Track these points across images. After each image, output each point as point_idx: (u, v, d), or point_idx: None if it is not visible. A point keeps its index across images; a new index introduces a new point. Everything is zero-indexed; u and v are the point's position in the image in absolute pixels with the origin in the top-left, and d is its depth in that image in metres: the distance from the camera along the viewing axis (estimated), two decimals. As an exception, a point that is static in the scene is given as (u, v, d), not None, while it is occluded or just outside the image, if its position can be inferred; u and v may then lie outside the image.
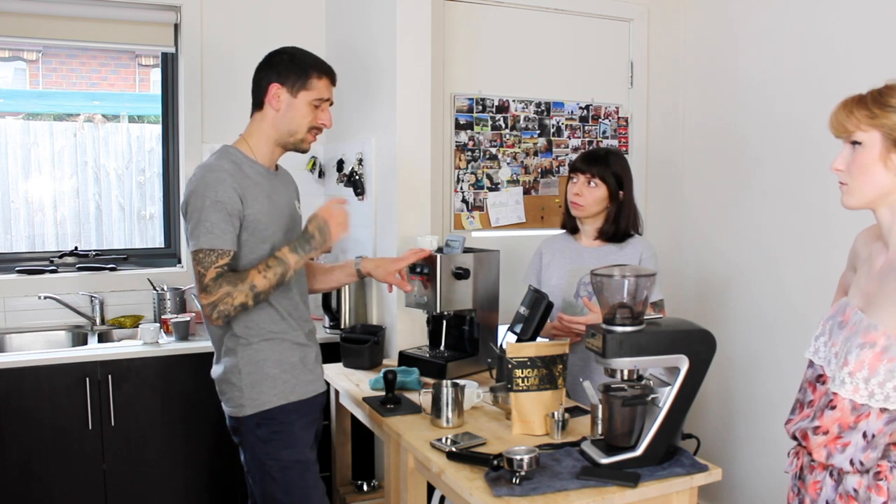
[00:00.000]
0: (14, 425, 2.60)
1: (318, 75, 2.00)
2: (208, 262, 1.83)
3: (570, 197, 2.41)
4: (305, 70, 1.99)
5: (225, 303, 1.82)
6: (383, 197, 2.92)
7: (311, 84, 1.99)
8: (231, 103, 3.30)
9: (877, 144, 1.37)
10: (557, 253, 2.49)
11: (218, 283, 1.82)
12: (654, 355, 1.67)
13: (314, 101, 2.00)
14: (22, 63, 3.84)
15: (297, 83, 1.97)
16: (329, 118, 2.05)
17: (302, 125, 2.00)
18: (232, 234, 1.86)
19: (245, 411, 1.95)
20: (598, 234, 2.41)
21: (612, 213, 2.38)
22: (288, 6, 3.45)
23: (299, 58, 2.01)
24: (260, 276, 1.86)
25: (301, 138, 2.02)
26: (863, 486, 1.38)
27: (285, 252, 1.90)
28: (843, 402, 1.38)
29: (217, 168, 1.90)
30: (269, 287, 1.88)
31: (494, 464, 1.62)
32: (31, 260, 3.30)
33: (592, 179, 2.35)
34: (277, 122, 1.99)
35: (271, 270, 1.87)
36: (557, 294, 2.42)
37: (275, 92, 1.97)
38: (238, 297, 1.84)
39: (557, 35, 3.30)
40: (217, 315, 1.83)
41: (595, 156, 2.40)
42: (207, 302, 1.83)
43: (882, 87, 1.39)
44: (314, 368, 2.05)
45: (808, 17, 2.85)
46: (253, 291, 1.85)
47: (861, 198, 1.41)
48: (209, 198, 1.84)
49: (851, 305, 1.44)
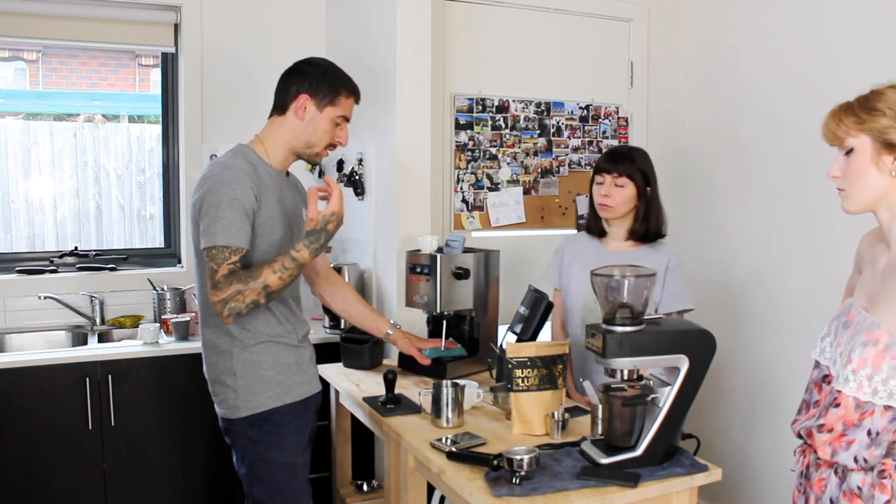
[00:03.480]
0: (14, 425, 2.60)
1: (346, 94, 2.01)
2: (221, 259, 1.81)
3: (597, 199, 2.34)
4: (336, 87, 1.99)
5: (236, 300, 1.79)
6: (383, 197, 2.92)
7: (339, 101, 2.00)
8: (231, 103, 3.31)
9: (868, 149, 1.40)
10: (580, 254, 2.42)
11: (229, 280, 1.80)
12: (654, 355, 1.67)
13: (337, 119, 2.01)
14: (22, 63, 3.84)
15: (327, 98, 1.98)
16: (346, 136, 2.06)
17: (322, 140, 2.01)
18: (247, 232, 1.85)
19: (239, 413, 1.94)
20: (628, 235, 2.35)
21: (640, 211, 2.31)
22: (288, 6, 3.45)
23: (332, 73, 2.02)
24: (275, 275, 1.82)
25: (317, 152, 2.03)
26: (867, 484, 1.39)
27: (303, 252, 1.86)
28: (847, 400, 1.40)
29: (234, 166, 1.89)
30: (282, 286, 1.84)
31: (494, 464, 1.62)
32: (31, 260, 3.30)
33: (619, 178, 2.29)
34: (298, 132, 1.99)
35: (287, 271, 1.83)
36: (577, 297, 2.38)
37: (302, 102, 1.97)
38: (249, 295, 1.80)
39: (557, 35, 3.30)
40: (228, 313, 1.80)
41: (619, 154, 2.34)
42: (218, 299, 1.79)
43: (868, 93, 1.43)
44: (308, 369, 2.05)
45: (807, 17, 2.85)
46: (266, 291, 1.82)
47: (859, 202, 1.44)
48: (227, 195, 1.83)
49: (856, 305, 1.46)
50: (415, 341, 2.46)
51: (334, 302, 2.38)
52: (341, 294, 2.39)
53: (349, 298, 2.39)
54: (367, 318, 2.42)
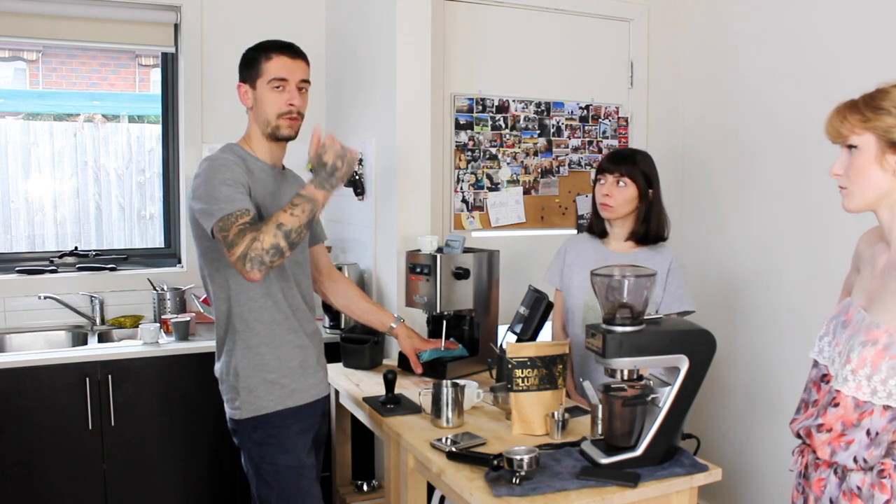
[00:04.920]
0: (14, 425, 2.60)
1: (266, 57, 1.97)
2: (230, 223, 1.75)
3: (598, 198, 2.35)
4: (255, 58, 1.99)
5: (254, 249, 1.70)
6: (383, 197, 2.92)
7: (263, 69, 1.97)
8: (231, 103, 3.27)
9: (872, 147, 1.39)
10: (582, 254, 2.44)
11: (240, 234, 1.73)
12: (654, 355, 1.67)
13: (272, 84, 1.96)
14: (22, 63, 3.84)
15: (252, 73, 1.99)
16: (295, 97, 1.97)
17: (270, 111, 1.97)
18: (247, 197, 1.83)
19: (242, 414, 1.94)
20: (629, 236, 2.36)
21: (642, 212, 2.33)
22: (288, 6, 3.45)
23: (252, 49, 2.01)
24: (286, 213, 1.74)
25: (276, 125, 1.98)
26: (866, 484, 1.39)
27: (311, 189, 1.79)
28: (846, 400, 1.39)
29: (222, 158, 1.91)
30: (298, 225, 1.75)
31: (494, 464, 1.62)
32: (31, 260, 3.30)
33: (621, 179, 2.30)
34: (256, 118, 2.01)
35: (298, 207, 1.75)
36: (579, 297, 2.39)
37: (243, 91, 2.01)
38: (266, 238, 1.71)
39: (557, 35, 3.30)
40: (251, 266, 1.70)
41: (622, 155, 2.36)
42: (236, 257, 1.71)
43: (873, 91, 1.42)
44: (314, 373, 2.03)
45: (808, 16, 2.85)
46: (281, 230, 1.72)
47: (861, 200, 1.43)
48: (217, 178, 1.83)
49: (854, 305, 1.46)
50: (417, 340, 2.46)
51: (336, 298, 2.38)
52: (343, 290, 2.39)
53: (351, 294, 2.39)
54: (371, 313, 2.41)
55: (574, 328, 2.42)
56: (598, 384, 1.85)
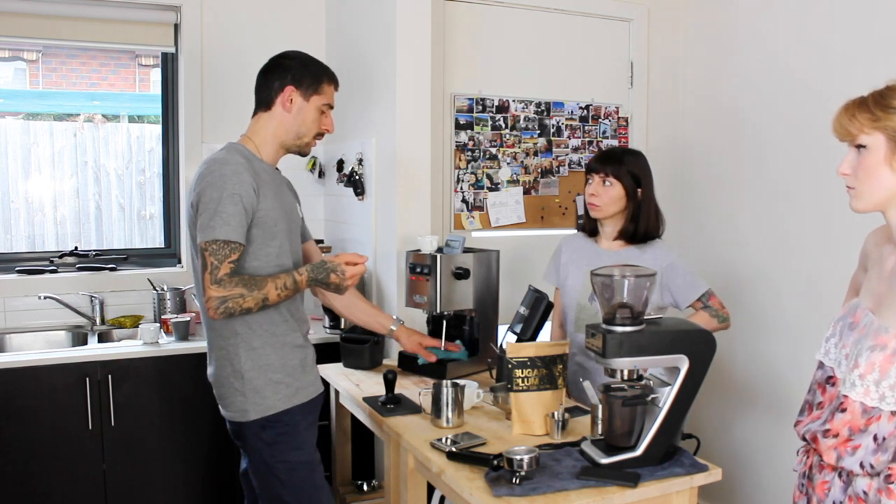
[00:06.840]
0: (14, 425, 2.60)
1: (328, 82, 2.07)
2: (222, 255, 1.82)
3: (586, 198, 2.38)
4: (319, 76, 2.04)
5: (235, 302, 1.82)
6: (383, 197, 2.92)
7: (323, 89, 2.04)
8: (231, 103, 3.30)
9: (881, 147, 1.35)
10: (576, 253, 2.46)
11: (234, 280, 1.82)
12: (654, 355, 1.67)
13: (323, 107, 2.05)
14: (22, 63, 3.84)
15: (311, 87, 2.02)
16: (332, 124, 2.11)
17: (311, 129, 2.05)
18: (244, 228, 1.87)
19: (249, 416, 1.94)
20: (618, 235, 2.37)
21: (630, 212, 2.34)
22: (288, 6, 3.45)
23: (312, 63, 2.06)
24: (276, 291, 1.88)
25: (307, 142, 2.07)
26: (873, 489, 1.36)
27: (304, 276, 1.93)
28: (853, 405, 1.37)
29: (232, 161, 1.90)
30: (277, 302, 1.91)
31: (494, 464, 1.62)
32: (31, 260, 3.30)
33: (607, 178, 2.32)
34: (287, 124, 2.02)
35: (287, 291, 1.90)
36: (573, 295, 2.40)
37: (289, 94, 2.00)
38: (248, 301, 1.84)
39: (557, 35, 3.30)
40: (223, 310, 1.82)
41: (609, 155, 2.38)
42: (218, 295, 1.81)
43: (883, 89, 1.37)
44: (312, 370, 2.06)
45: (808, 17, 2.85)
46: (264, 303, 1.87)
47: (869, 201, 1.39)
48: (227, 190, 1.84)
49: (862, 307, 1.43)
50: (418, 338, 2.46)
51: (336, 301, 2.38)
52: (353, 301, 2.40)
53: (350, 297, 2.39)
54: (370, 316, 2.42)
55: (568, 326, 2.43)
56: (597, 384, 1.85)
